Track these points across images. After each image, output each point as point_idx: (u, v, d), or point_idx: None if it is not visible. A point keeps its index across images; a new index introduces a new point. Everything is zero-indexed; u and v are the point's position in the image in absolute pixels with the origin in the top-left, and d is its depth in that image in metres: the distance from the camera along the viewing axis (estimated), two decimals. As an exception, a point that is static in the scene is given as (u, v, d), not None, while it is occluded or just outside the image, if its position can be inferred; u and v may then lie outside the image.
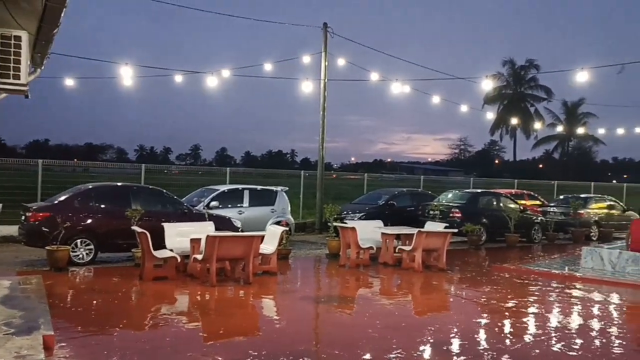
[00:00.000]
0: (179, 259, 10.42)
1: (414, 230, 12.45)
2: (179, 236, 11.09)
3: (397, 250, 12.76)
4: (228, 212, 14.46)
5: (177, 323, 7.72)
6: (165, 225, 11.30)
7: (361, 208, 18.42)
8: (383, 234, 12.99)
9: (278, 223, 14.87)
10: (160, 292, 9.53)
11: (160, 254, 10.34)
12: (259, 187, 16.60)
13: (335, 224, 14.16)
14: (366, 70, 19.93)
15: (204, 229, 10.89)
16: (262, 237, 10.92)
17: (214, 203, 14.82)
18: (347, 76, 21.75)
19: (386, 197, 19.14)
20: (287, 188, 17.05)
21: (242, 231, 12.87)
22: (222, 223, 12.85)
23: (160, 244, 10.83)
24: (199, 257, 10.01)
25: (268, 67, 18.64)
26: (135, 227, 10.72)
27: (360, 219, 16.95)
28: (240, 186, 16.29)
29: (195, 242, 10.55)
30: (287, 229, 13.77)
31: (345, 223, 13.92)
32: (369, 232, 13.10)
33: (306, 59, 19.39)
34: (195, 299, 9.40)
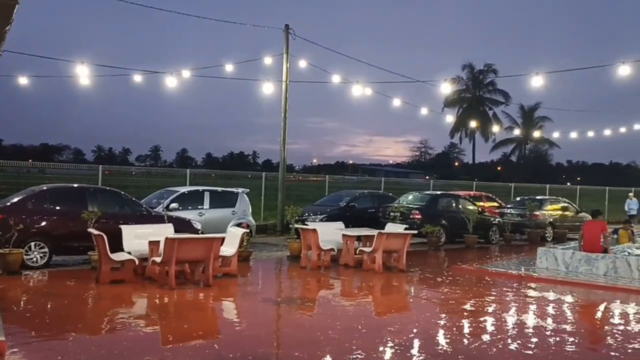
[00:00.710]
0: (137, 262, 10.24)
1: (375, 232, 12.54)
2: (137, 238, 10.90)
3: (357, 252, 12.82)
4: (188, 214, 14.29)
5: (134, 327, 7.57)
6: (123, 227, 11.09)
7: (322, 210, 18.46)
8: (344, 235, 13.04)
9: (239, 225, 14.76)
10: (118, 296, 9.35)
11: (117, 256, 10.15)
12: (219, 189, 16.46)
13: (296, 225, 14.15)
14: (328, 72, 20.02)
15: (163, 231, 10.73)
16: (223, 239, 10.83)
17: (173, 205, 14.62)
18: (309, 78, 21.87)
19: (347, 199, 19.23)
20: (248, 190, 16.95)
21: (202, 233, 12.73)
22: (182, 225, 12.68)
23: (118, 246, 10.62)
24: (158, 259, 9.85)
25: (229, 68, 18.52)
26: (91, 230, 10.49)
27: (321, 220, 16.98)
28: (200, 188, 16.12)
29: (153, 244, 10.39)
30: (248, 230, 13.69)
31: (307, 225, 13.93)
32: (330, 233, 13.14)
33: (268, 61, 19.34)
34: (154, 302, 9.26)
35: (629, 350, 7.03)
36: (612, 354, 6.94)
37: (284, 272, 13.28)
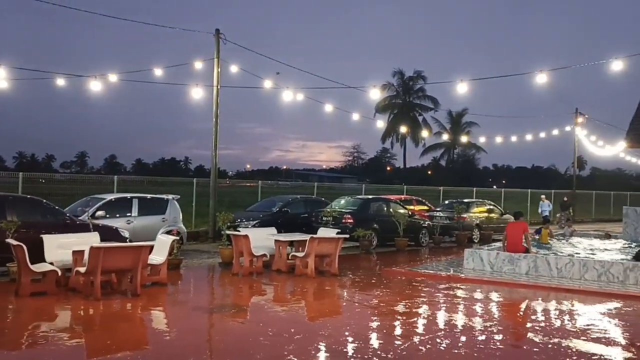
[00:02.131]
0: (59, 273, 9.80)
1: (307, 237, 12.56)
2: (60, 248, 10.45)
3: (290, 257, 12.81)
4: (115, 222, 13.85)
5: (57, 340, 7.25)
6: (45, 237, 10.61)
7: (255, 215, 18.34)
8: (276, 241, 13.00)
9: (169, 232, 14.45)
10: (39, 308, 8.94)
11: (38, 267, 9.69)
12: (149, 196, 16.05)
13: (227, 232, 13.99)
14: (260, 77, 19.95)
15: (88, 240, 10.33)
16: (151, 247, 10.56)
17: (99, 213, 14.14)
18: (242, 83, 21.68)
19: (280, 204, 19.20)
20: (178, 196, 16.62)
21: (131, 241, 12.37)
22: (109, 233, 12.26)
23: (39, 257, 10.14)
24: (82, 269, 9.48)
25: (159, 72, 18.15)
26: (10, 240, 9.99)
27: (254, 226, 16.86)
28: (128, 195, 15.67)
29: (78, 254, 9.98)
30: (178, 238, 13.42)
31: (239, 231, 13.80)
32: (262, 239, 13.06)
33: (199, 65, 19.08)
34: (78, 314, 8.91)
35: (549, 345, 7.35)
36: (534, 349, 7.24)
37: (215, 279, 13.10)
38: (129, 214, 14.89)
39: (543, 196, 29.18)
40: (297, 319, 9.15)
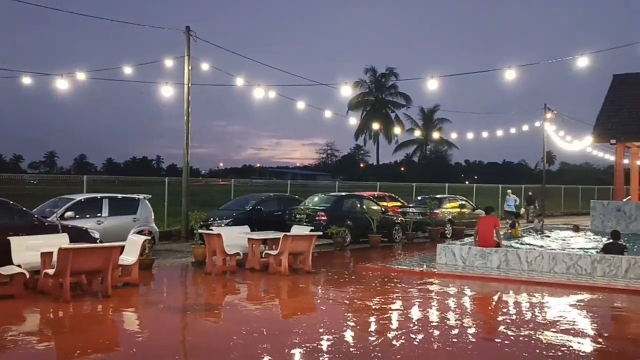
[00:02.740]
0: (27, 275, 9.61)
1: (280, 235, 12.53)
2: (28, 250, 10.23)
3: (264, 255, 12.77)
4: (85, 223, 13.62)
5: (25, 344, 7.11)
6: (12, 239, 10.37)
7: (228, 214, 18.22)
8: (249, 239, 12.94)
9: (141, 232, 14.26)
10: (6, 312, 8.73)
11: (5, 270, 9.48)
12: (119, 196, 15.81)
13: (200, 231, 13.88)
14: (231, 75, 19.82)
15: (57, 242, 10.13)
16: (122, 247, 10.42)
17: (69, 213, 13.88)
18: (214, 81, 21.54)
19: (253, 202, 19.10)
20: (150, 196, 16.42)
21: (101, 242, 12.18)
22: (78, 234, 12.04)
23: (7, 259, 9.93)
24: (51, 271, 9.31)
25: (129, 70, 17.91)
26: (-25, 243, 9.75)
27: (227, 225, 16.74)
28: (98, 195, 15.41)
29: (46, 256, 9.79)
30: (150, 237, 13.27)
31: (212, 230, 13.70)
32: (235, 238, 12.98)
33: (169, 63, 18.86)
34: (47, 317, 8.75)
35: (520, 338, 7.45)
36: (506, 342, 7.34)
37: (188, 278, 13.00)
38: (99, 215, 14.66)
39: (509, 191, 29.57)
40: (271, 317, 9.13)
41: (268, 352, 6.67)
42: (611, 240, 13.26)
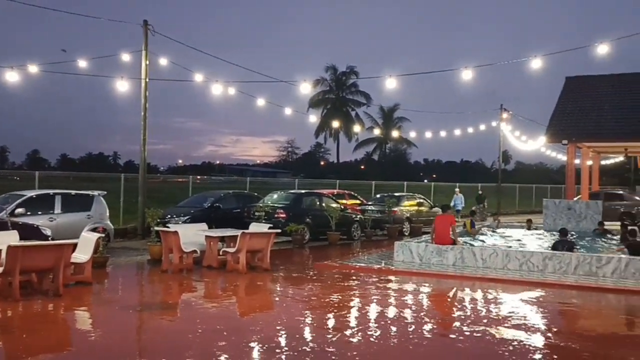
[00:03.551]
0: (-26, 274, 9.28)
1: (238, 232, 12.45)
2: (-25, 248, 9.88)
3: (221, 253, 12.67)
4: (37, 220, 13.27)
5: (-30, 346, 6.87)
6: (-42, 237, 10.02)
7: (186, 211, 18.00)
8: (207, 236, 12.81)
9: (95, 230, 13.96)
10: (-49, 312, 8.44)
11: (-49, 269, 9.14)
12: (73, 192, 15.46)
13: (156, 228, 13.68)
14: (190, 70, 19.57)
15: (6, 239, 9.81)
16: (74, 245, 10.17)
17: (19, 210, 13.50)
18: (173, 76, 21.15)
19: (212, 200, 18.92)
20: (104, 192, 16.09)
21: (53, 239, 11.87)
22: (29, 232, 11.72)
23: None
24: (-1, 270, 9.01)
25: (84, 64, 17.46)
26: None
27: (184, 222, 16.53)
28: (51, 191, 15.03)
29: (-6, 254, 9.48)
30: (104, 235, 13.00)
31: (168, 227, 13.51)
32: (192, 235, 12.82)
33: (126, 57, 18.50)
34: (-5, 317, 8.47)
35: (474, 334, 7.59)
36: (460, 337, 7.47)
37: (144, 276, 12.79)
38: (51, 211, 14.29)
39: (457, 189, 30.08)
40: (228, 315, 9.06)
41: (225, 350, 6.62)
42: (560, 238, 13.67)
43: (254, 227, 13.77)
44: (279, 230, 14.57)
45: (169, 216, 17.15)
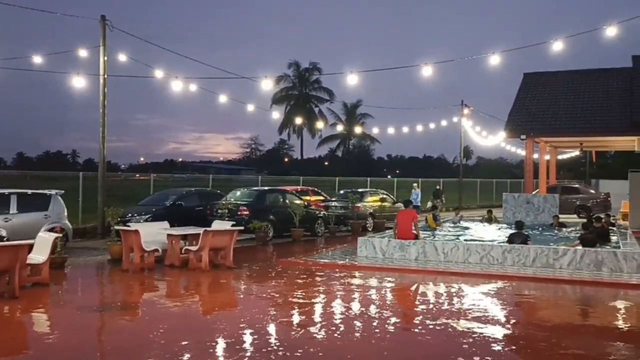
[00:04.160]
0: None
1: (201, 230, 12.33)
2: None
3: (183, 251, 12.53)
4: (-10, 221, 12.89)
5: None
6: None
7: (147, 210, 17.74)
8: (169, 235, 12.65)
9: (52, 229, 13.63)
10: None
11: None
12: (29, 191, 15.05)
13: (116, 227, 13.44)
14: (150, 66, 19.26)
15: (-42, 241, 9.54)
16: (30, 245, 9.92)
17: (-28, 211, 13.09)
18: (133, 72, 20.85)
19: (174, 198, 18.70)
20: (62, 191, 15.72)
21: (9, 240, 11.56)
22: (-17, 233, 11.39)
23: None
24: (-49, 272, 8.73)
25: (39, 60, 17.05)
26: None
27: (146, 220, 16.30)
28: (6, 191, 14.58)
29: (-54, 256, 9.17)
30: (61, 235, 12.71)
31: (129, 226, 13.28)
32: (153, 234, 12.65)
33: (84, 53, 18.11)
34: (-53, 321, 8.20)
35: (436, 327, 7.71)
36: (423, 331, 7.58)
37: (104, 277, 12.56)
38: (6, 211, 13.88)
39: (415, 184, 30.42)
40: (191, 313, 8.97)
41: (188, 349, 6.55)
42: (516, 230, 13.99)
43: (217, 225, 13.66)
44: (242, 228, 14.49)
45: (130, 215, 16.88)
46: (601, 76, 24.64)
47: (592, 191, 31.40)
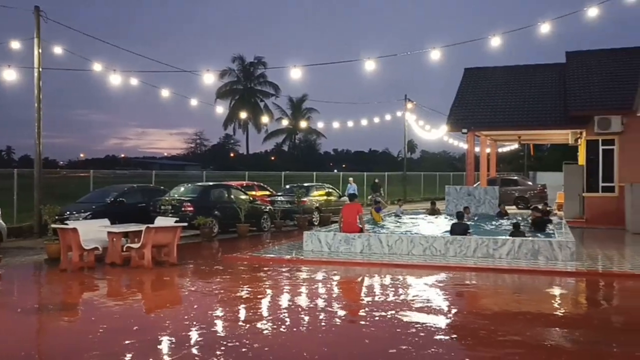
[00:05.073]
0: None
1: (143, 227, 12.07)
2: None
3: (125, 249, 12.23)
4: None
5: None
6: None
7: (87, 207, 17.23)
8: (109, 232, 12.32)
9: (-15, 229, 13.06)
10: None
11: None
12: (-41, 190, 14.37)
13: (54, 225, 12.99)
14: (88, 59, 18.67)
15: None
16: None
17: None
18: (71, 66, 20.14)
19: (115, 194, 18.22)
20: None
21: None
22: None
23: None
24: None
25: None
26: None
27: (86, 218, 15.84)
28: None
29: None
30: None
31: (67, 224, 12.85)
32: (93, 232, 12.29)
33: (16, 45, 17.36)
34: None
35: (382, 318, 7.80)
36: (367, 323, 7.66)
37: (41, 277, 12.11)
38: None
39: (351, 179, 30.73)
40: (133, 312, 8.75)
41: (130, 349, 6.39)
42: (456, 221, 14.34)
43: (160, 221, 13.39)
44: (186, 224, 14.28)
45: (69, 213, 16.37)
46: (537, 71, 25.52)
47: (530, 183, 32.53)
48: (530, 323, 7.70)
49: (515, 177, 32.65)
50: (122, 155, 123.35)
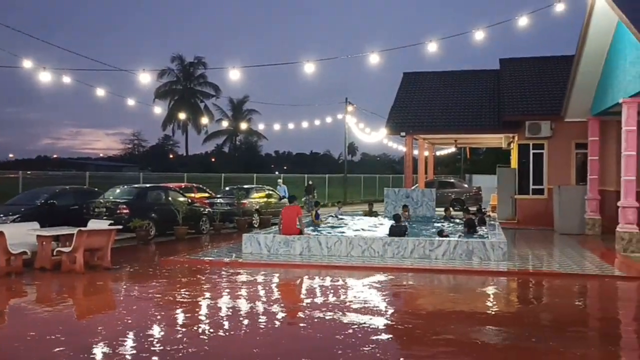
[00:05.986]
0: None
1: (75, 230, 11.66)
2: None
3: (55, 253, 11.78)
4: None
5: None
6: None
7: (15, 209, 16.50)
8: (38, 236, 11.83)
9: None
10: None
11: None
12: None
13: (-22, 229, 12.36)
14: (15, 55, 17.87)
15: None
16: None
17: None
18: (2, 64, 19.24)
19: (46, 196, 17.53)
20: None
21: None
22: None
23: None
24: None
25: None
26: None
27: (14, 221, 15.17)
28: None
29: None
30: None
31: (-7, 228, 12.27)
32: (21, 235, 11.77)
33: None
34: None
35: (318, 320, 7.83)
36: (305, 325, 7.67)
37: (-35, 283, 11.51)
38: None
39: (280, 180, 30.84)
40: (64, 319, 8.43)
41: (61, 356, 6.15)
42: (394, 223, 14.60)
43: (93, 224, 12.97)
44: (121, 227, 13.90)
45: (-5, 215, 15.63)
46: (473, 77, 26.32)
47: (466, 185, 33.50)
48: (464, 322, 7.91)
49: (452, 180, 33.54)
50: (55, 156, 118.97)
